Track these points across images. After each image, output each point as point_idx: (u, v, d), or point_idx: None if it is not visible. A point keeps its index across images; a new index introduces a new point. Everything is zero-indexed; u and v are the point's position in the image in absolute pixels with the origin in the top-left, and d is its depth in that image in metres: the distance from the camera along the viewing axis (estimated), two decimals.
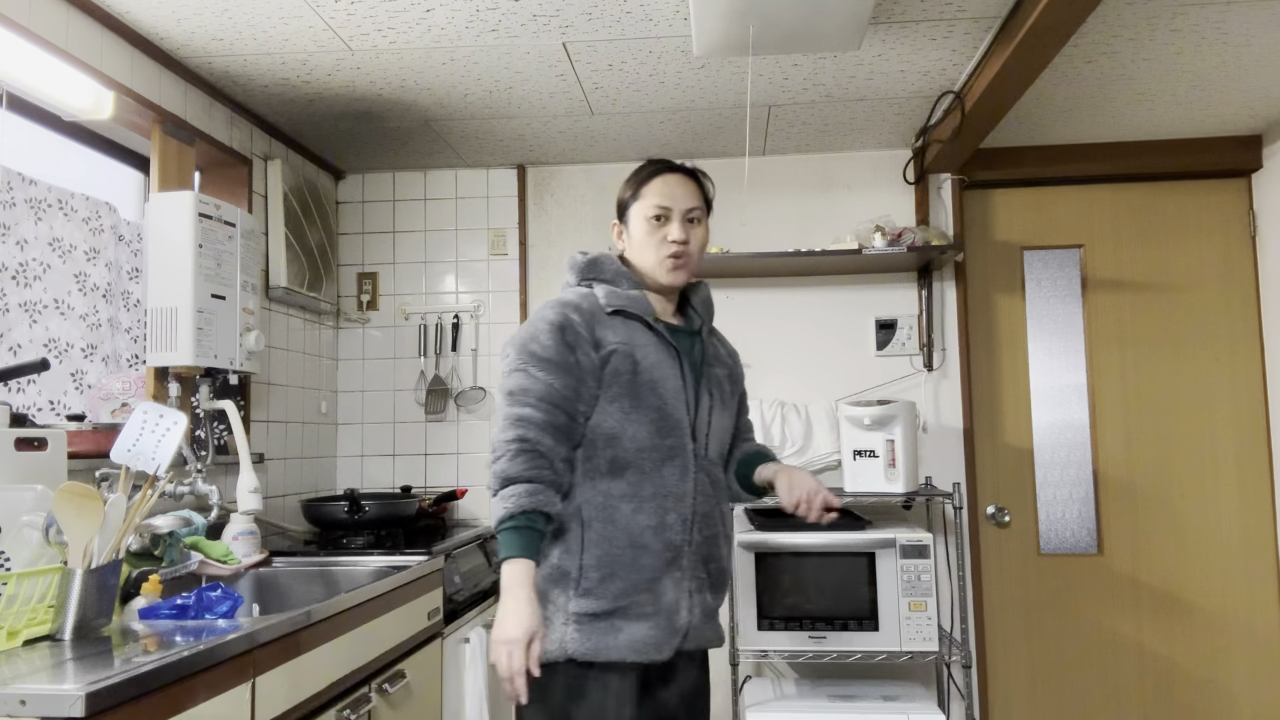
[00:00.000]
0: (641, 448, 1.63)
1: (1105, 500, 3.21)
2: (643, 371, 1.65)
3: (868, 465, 2.82)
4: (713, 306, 1.86)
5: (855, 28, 2.13)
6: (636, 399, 1.64)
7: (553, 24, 2.28)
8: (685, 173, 1.79)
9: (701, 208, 1.78)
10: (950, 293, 3.22)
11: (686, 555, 1.65)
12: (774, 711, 2.66)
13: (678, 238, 1.72)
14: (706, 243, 1.81)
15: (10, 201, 2.14)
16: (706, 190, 1.81)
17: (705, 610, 1.70)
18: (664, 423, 1.64)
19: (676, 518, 1.64)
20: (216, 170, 2.77)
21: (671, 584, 1.63)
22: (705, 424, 1.71)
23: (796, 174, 3.29)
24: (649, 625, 1.61)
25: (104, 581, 1.59)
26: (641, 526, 1.61)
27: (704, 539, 1.68)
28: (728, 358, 1.87)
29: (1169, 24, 2.31)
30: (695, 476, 1.67)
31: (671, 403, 1.66)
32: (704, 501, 1.68)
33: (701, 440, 1.70)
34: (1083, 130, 3.10)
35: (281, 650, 1.65)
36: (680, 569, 1.65)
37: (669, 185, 1.75)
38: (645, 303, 1.71)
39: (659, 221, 1.73)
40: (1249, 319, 3.21)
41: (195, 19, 2.21)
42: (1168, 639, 3.15)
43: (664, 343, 1.70)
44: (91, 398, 2.28)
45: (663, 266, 1.73)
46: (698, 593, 1.67)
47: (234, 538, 2.32)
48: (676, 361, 1.69)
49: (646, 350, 1.67)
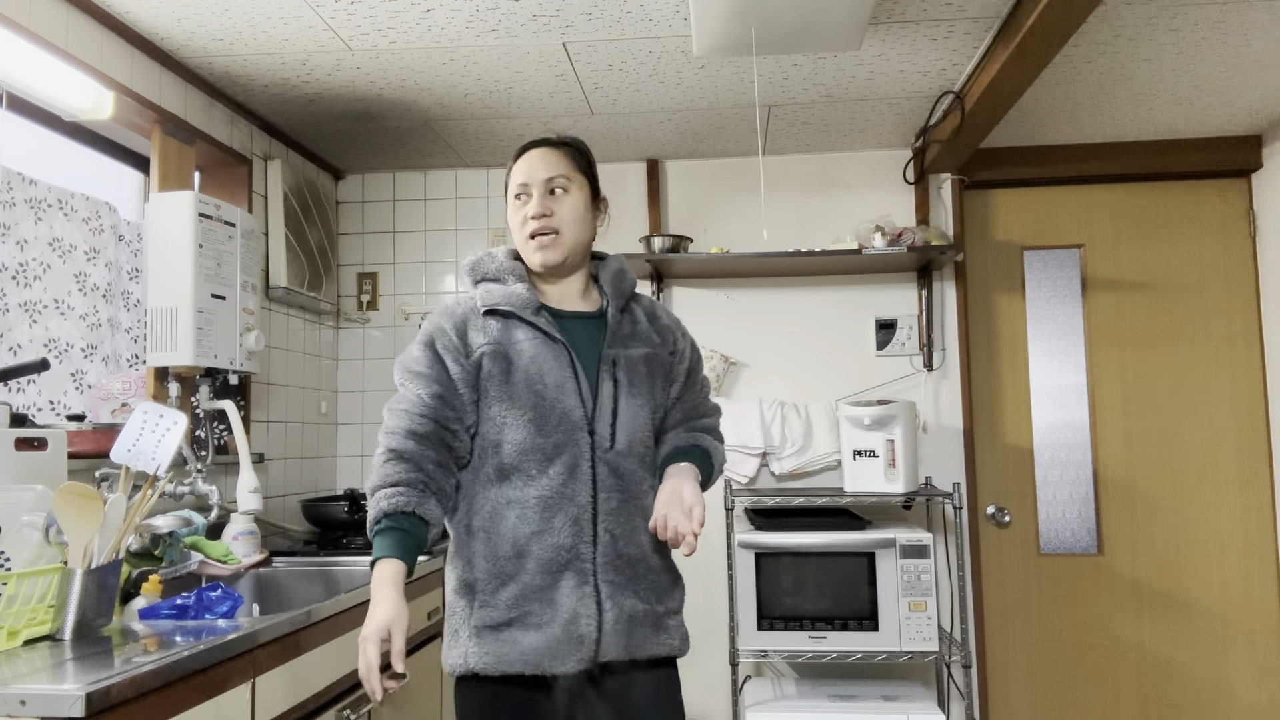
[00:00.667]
0: (524, 450, 1.53)
1: (1105, 500, 3.21)
2: (518, 369, 1.55)
3: (868, 465, 2.82)
4: (626, 281, 1.69)
5: (855, 28, 2.13)
6: (513, 400, 1.54)
7: (553, 24, 2.28)
8: (550, 144, 1.65)
9: (566, 175, 1.62)
10: (950, 293, 3.22)
11: (589, 558, 1.52)
12: (774, 711, 2.66)
13: (534, 211, 1.59)
14: (587, 211, 1.64)
15: (10, 201, 2.14)
16: (575, 158, 1.65)
17: (629, 616, 1.54)
18: (544, 419, 1.53)
19: (565, 519, 1.52)
20: (216, 170, 2.77)
21: (569, 590, 1.51)
22: (609, 413, 1.57)
23: (796, 174, 3.29)
24: (543, 635, 1.50)
25: (104, 581, 1.59)
26: (526, 533, 1.52)
27: (615, 538, 1.54)
28: (653, 334, 1.69)
29: (1169, 24, 2.31)
30: (594, 471, 1.54)
31: (553, 396, 1.54)
32: (610, 498, 1.54)
33: (603, 432, 1.56)
34: (1083, 130, 3.10)
35: (281, 650, 1.65)
36: (580, 574, 1.52)
37: (528, 161, 1.63)
38: (523, 296, 1.59)
39: (520, 201, 1.62)
40: (1249, 319, 3.21)
41: (195, 19, 2.21)
42: (1168, 639, 3.15)
43: (545, 335, 1.58)
44: (91, 398, 2.28)
45: (529, 248, 1.61)
46: (612, 598, 1.53)
47: (234, 538, 2.32)
48: (564, 351, 1.57)
49: (523, 346, 1.56)
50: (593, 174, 1.69)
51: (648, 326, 1.68)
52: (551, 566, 1.51)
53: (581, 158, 1.67)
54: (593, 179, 1.68)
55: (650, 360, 1.64)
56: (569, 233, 1.60)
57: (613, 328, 1.63)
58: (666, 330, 1.71)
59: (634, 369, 1.61)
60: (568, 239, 1.60)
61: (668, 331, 1.71)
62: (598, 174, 1.70)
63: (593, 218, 1.67)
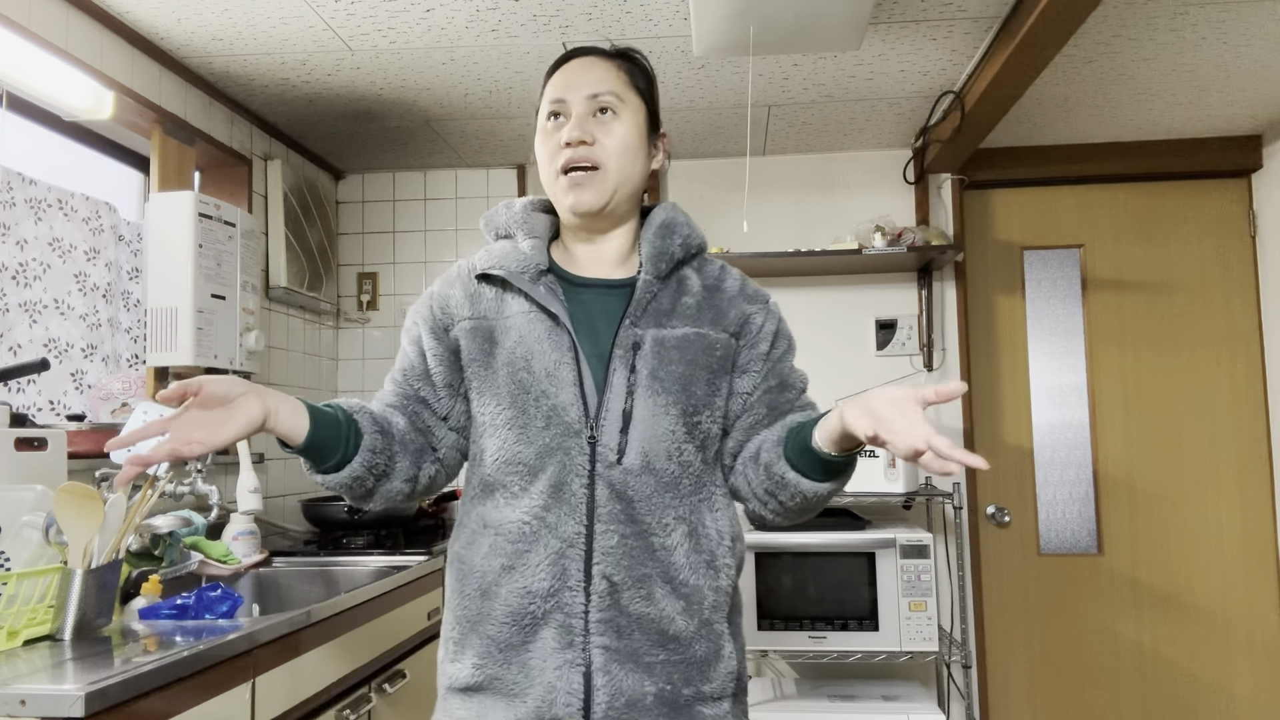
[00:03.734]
0: (505, 459, 1.17)
1: (1105, 500, 3.21)
2: (501, 352, 1.18)
3: (868, 465, 2.82)
4: (676, 236, 1.25)
5: (855, 28, 2.13)
6: (495, 391, 1.18)
7: (553, 24, 2.28)
8: (600, 53, 1.26)
9: (618, 94, 1.21)
10: (950, 293, 3.22)
11: (578, 612, 1.12)
12: (774, 711, 2.66)
13: (571, 136, 1.19)
14: (642, 144, 1.24)
15: (10, 201, 2.14)
16: (633, 73, 1.26)
17: (629, 701, 1.12)
18: (528, 419, 1.16)
19: (546, 555, 1.13)
20: (216, 170, 2.77)
21: (547, 654, 1.12)
22: (618, 414, 1.16)
23: (796, 174, 3.29)
24: (511, 712, 1.13)
25: (104, 581, 1.59)
26: (496, 567, 1.15)
27: (615, 586, 1.13)
28: (710, 311, 1.24)
29: (1169, 24, 2.31)
30: (591, 493, 1.14)
31: (540, 388, 1.16)
32: (610, 532, 1.14)
33: (609, 439, 1.15)
34: (1083, 130, 3.10)
35: (281, 650, 1.65)
36: (564, 632, 1.12)
37: (567, 73, 1.24)
38: (524, 255, 1.22)
39: (552, 124, 1.23)
40: (1249, 319, 3.21)
41: (195, 19, 2.21)
42: (1168, 639, 3.15)
43: (538, 308, 1.19)
44: (91, 398, 2.28)
45: (560, 186, 1.21)
46: (607, 671, 1.12)
47: (234, 538, 2.32)
48: (564, 329, 1.18)
49: (512, 322, 1.19)
50: (653, 97, 1.28)
51: (700, 300, 1.24)
52: (522, 617, 1.14)
53: (641, 74, 1.27)
54: (652, 104, 1.28)
55: (695, 345, 1.20)
56: (615, 168, 1.20)
57: (641, 298, 1.20)
58: (732, 305, 1.26)
59: (664, 356, 1.18)
60: (613, 177, 1.20)
61: (734, 306, 1.26)
62: (658, 100, 1.31)
63: (648, 155, 1.26)
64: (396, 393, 1.26)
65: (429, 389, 1.24)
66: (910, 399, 1.00)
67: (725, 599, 1.20)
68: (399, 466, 1.19)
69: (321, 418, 1.12)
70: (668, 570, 1.15)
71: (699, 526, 1.19)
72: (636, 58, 1.28)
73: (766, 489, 1.20)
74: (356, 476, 1.15)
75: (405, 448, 1.20)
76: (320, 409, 1.13)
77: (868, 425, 1.00)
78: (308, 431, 1.11)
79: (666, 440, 1.17)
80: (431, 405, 1.24)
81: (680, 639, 1.15)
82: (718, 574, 1.19)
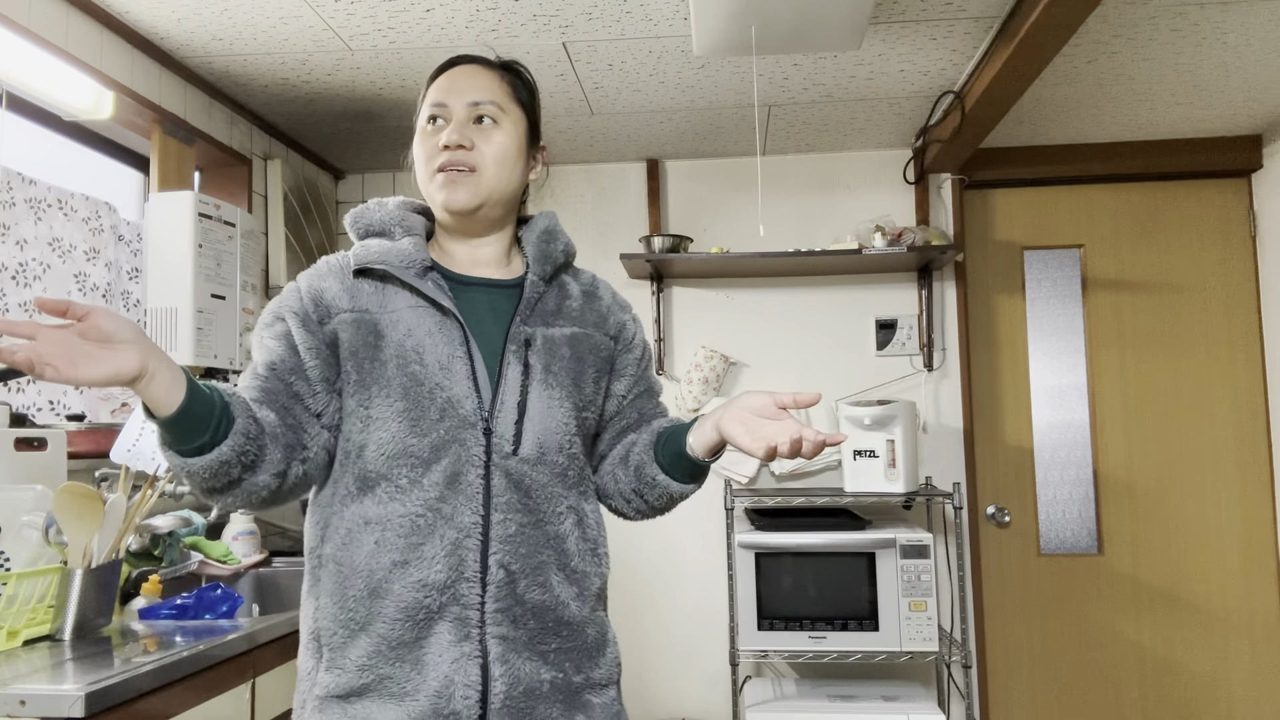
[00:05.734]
0: (393, 452, 1.15)
1: (1105, 500, 3.21)
2: (389, 345, 1.17)
3: (868, 465, 2.82)
4: (557, 243, 1.31)
5: (855, 28, 2.13)
6: (383, 384, 1.16)
7: (553, 24, 2.28)
8: (483, 62, 1.29)
9: (499, 104, 1.25)
10: (950, 293, 3.22)
11: (474, 603, 1.12)
12: (774, 711, 2.66)
13: (450, 139, 1.21)
14: (520, 154, 1.27)
15: (10, 201, 2.14)
16: (514, 84, 1.29)
17: (527, 689, 1.13)
18: (421, 411, 1.15)
19: (442, 546, 1.12)
20: (216, 170, 2.77)
21: (443, 648, 1.11)
22: (513, 407, 1.18)
23: (796, 174, 3.29)
24: (403, 710, 1.10)
25: (104, 581, 1.59)
26: (386, 564, 1.12)
27: (512, 575, 1.14)
28: (589, 313, 1.31)
29: (1169, 24, 2.31)
30: (487, 483, 1.15)
31: (434, 380, 1.16)
32: (508, 520, 1.15)
33: (505, 430, 1.17)
34: (1083, 130, 3.10)
35: (281, 650, 1.65)
36: (460, 624, 1.12)
37: (451, 79, 1.26)
38: (406, 252, 1.22)
39: (433, 126, 1.25)
40: (1249, 319, 3.21)
41: (195, 19, 2.21)
42: (1168, 639, 3.15)
43: (428, 303, 1.20)
44: (91, 398, 2.28)
45: (435, 185, 1.23)
46: (504, 661, 1.13)
47: (234, 538, 2.32)
48: (453, 323, 1.19)
49: (399, 316, 1.19)
50: (534, 110, 1.32)
51: (582, 304, 1.31)
52: (417, 612, 1.11)
53: (523, 87, 1.31)
54: (533, 117, 1.31)
55: (579, 343, 1.27)
56: (490, 173, 1.23)
57: (529, 298, 1.25)
58: (610, 311, 1.34)
59: (554, 352, 1.24)
60: (487, 180, 1.23)
61: (612, 313, 1.34)
62: (540, 113, 1.35)
63: (525, 165, 1.30)
64: (261, 387, 1.16)
65: (303, 383, 1.17)
66: (771, 405, 1.14)
67: (605, 586, 1.26)
68: (269, 459, 1.11)
69: (198, 393, 1.02)
70: (561, 557, 1.19)
71: (584, 516, 1.24)
72: (520, 70, 1.32)
73: (634, 489, 1.28)
74: (224, 461, 1.05)
75: (275, 441, 1.12)
76: (200, 384, 1.04)
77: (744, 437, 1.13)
78: (180, 404, 1.00)
79: (560, 432, 1.21)
80: (305, 400, 1.17)
81: (573, 625, 1.18)
82: (600, 561, 1.25)
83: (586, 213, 3.35)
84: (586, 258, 3.30)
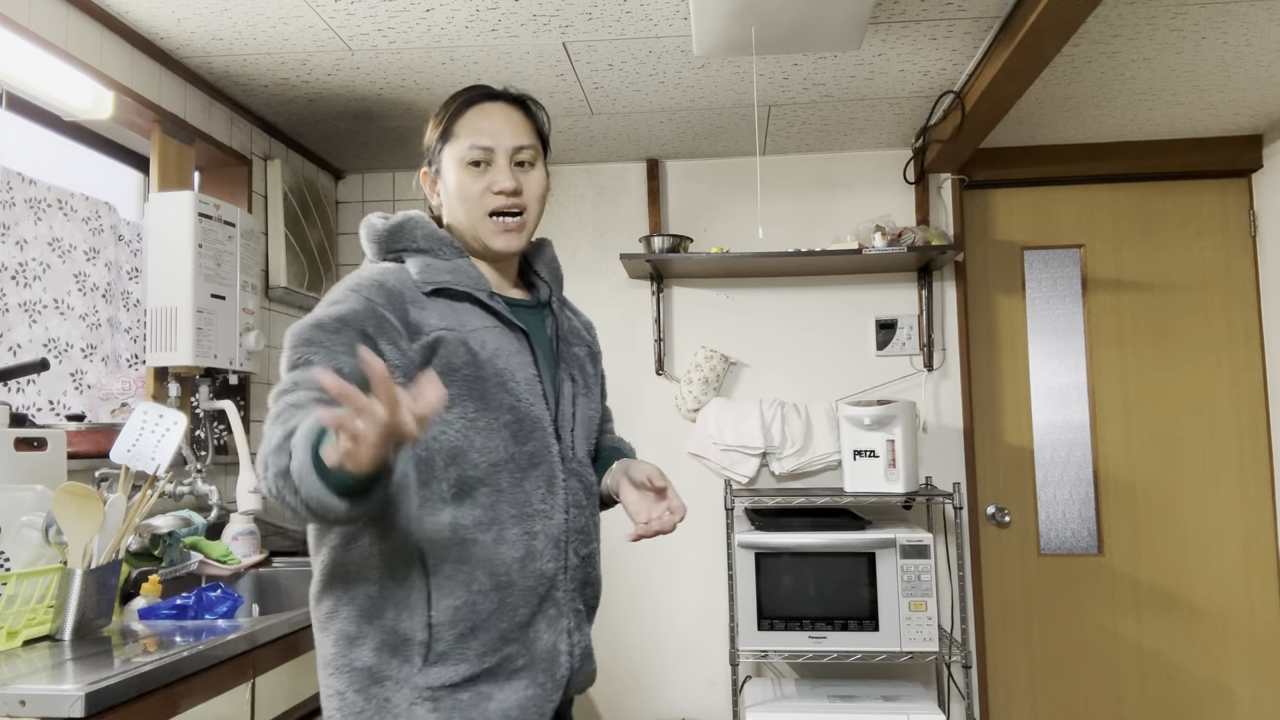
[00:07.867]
0: (496, 461, 1.27)
1: (1105, 500, 3.21)
2: (484, 363, 1.27)
3: (868, 465, 2.82)
4: (559, 267, 1.49)
5: (855, 27, 2.13)
6: (483, 399, 1.26)
7: (553, 24, 2.28)
8: (509, 100, 1.40)
9: (535, 146, 1.38)
10: (950, 293, 3.22)
11: (562, 586, 1.32)
12: (774, 711, 2.66)
13: (505, 186, 1.32)
14: (546, 192, 1.40)
15: (10, 201, 2.14)
16: (539, 122, 1.42)
17: (585, 649, 1.37)
18: (520, 425, 1.29)
19: (547, 541, 1.30)
20: (216, 170, 2.77)
21: (546, 625, 1.30)
22: (570, 418, 1.37)
23: (796, 174, 3.29)
24: (525, 684, 1.27)
25: (104, 581, 1.59)
26: (507, 560, 1.26)
27: (581, 560, 1.36)
28: (584, 331, 1.51)
29: (1169, 24, 2.31)
30: (565, 485, 1.33)
31: (526, 398, 1.30)
32: (577, 515, 1.35)
33: (567, 439, 1.36)
34: (1083, 130, 3.10)
35: (281, 650, 1.65)
36: (556, 604, 1.31)
37: (488, 119, 1.36)
38: (475, 274, 1.33)
39: (478, 168, 1.34)
40: (1249, 319, 3.21)
41: (195, 19, 2.21)
42: (1168, 639, 3.15)
43: (505, 324, 1.33)
44: (91, 398, 2.28)
45: (489, 227, 1.34)
46: (577, 630, 1.35)
47: (234, 538, 2.32)
48: (526, 345, 1.33)
49: (483, 335, 1.29)
50: (548, 143, 1.45)
51: (575, 323, 1.50)
52: (535, 598, 1.29)
53: (543, 124, 1.44)
54: (548, 149, 1.45)
55: (591, 359, 1.49)
56: (534, 212, 1.37)
57: (561, 318, 1.44)
58: (589, 328, 1.54)
59: (583, 368, 1.44)
60: (532, 220, 1.37)
61: (590, 330, 1.54)
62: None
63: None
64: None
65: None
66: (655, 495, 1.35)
67: None
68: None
69: None
70: (598, 539, 1.42)
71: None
72: (540, 109, 1.44)
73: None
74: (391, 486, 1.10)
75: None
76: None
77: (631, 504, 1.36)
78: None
79: (592, 437, 1.46)
80: None
81: (599, 595, 1.43)
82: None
83: (586, 213, 3.35)
84: (586, 258, 3.30)
